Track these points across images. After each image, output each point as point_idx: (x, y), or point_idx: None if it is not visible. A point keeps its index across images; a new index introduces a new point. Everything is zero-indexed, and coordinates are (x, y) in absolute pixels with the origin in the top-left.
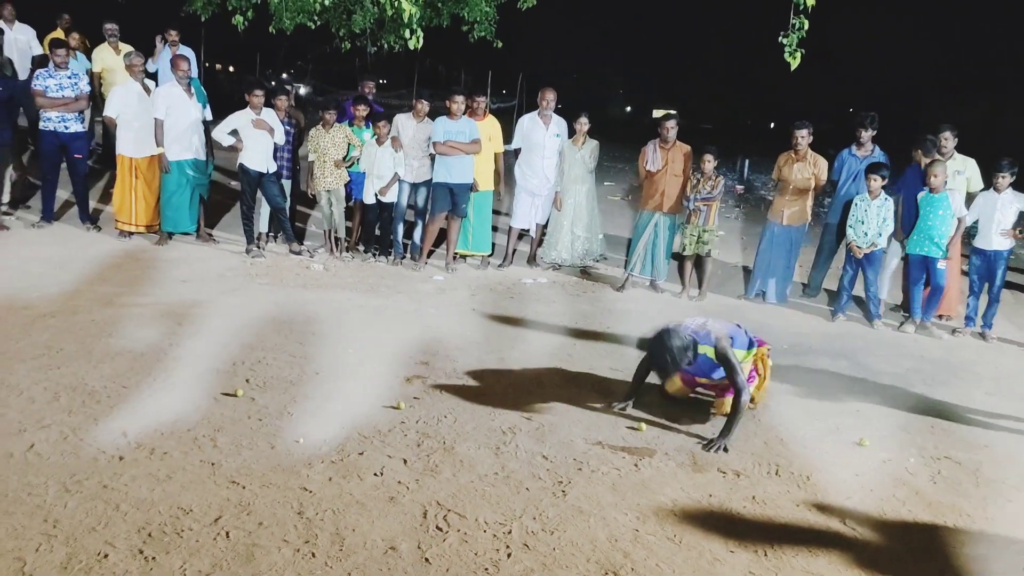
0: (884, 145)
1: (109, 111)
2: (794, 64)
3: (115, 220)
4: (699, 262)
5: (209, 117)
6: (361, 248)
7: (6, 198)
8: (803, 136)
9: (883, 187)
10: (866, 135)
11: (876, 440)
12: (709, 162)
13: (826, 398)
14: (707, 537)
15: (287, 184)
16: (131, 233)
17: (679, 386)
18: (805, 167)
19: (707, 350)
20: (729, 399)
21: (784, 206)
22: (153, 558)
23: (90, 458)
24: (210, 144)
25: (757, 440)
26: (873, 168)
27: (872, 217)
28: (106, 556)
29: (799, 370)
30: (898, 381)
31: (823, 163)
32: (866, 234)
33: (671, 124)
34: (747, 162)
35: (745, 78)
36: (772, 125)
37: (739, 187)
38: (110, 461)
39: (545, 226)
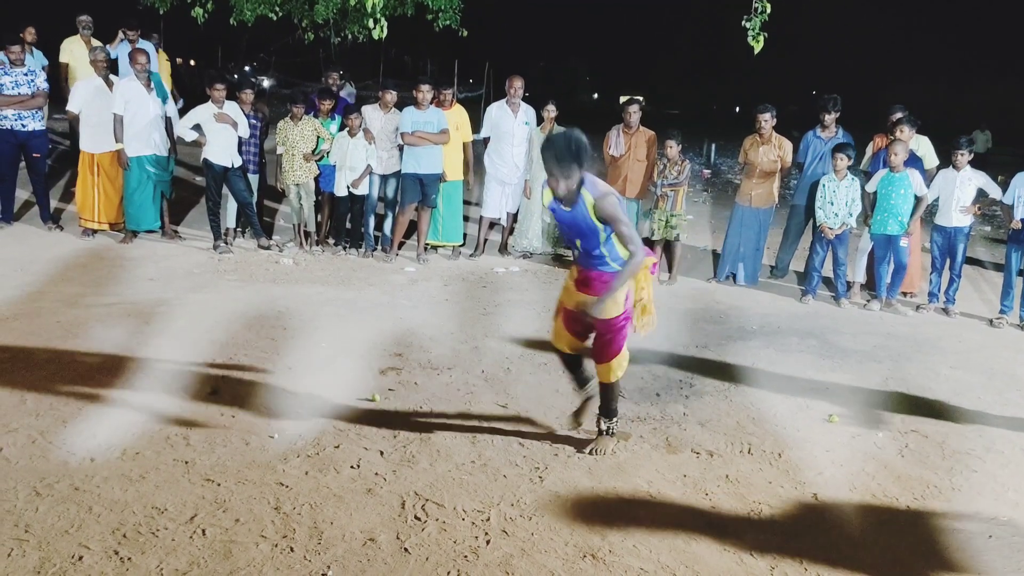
0: (848, 126)
1: (71, 106)
2: (757, 48)
3: (78, 218)
4: (668, 247)
5: (172, 113)
6: (331, 241)
7: None
8: (766, 119)
9: (849, 167)
10: (830, 117)
11: (845, 416)
12: (672, 147)
13: (796, 376)
14: (683, 517)
15: (254, 178)
16: (94, 231)
17: (577, 300)
18: (770, 150)
19: (588, 199)
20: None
21: (751, 189)
22: (129, 559)
23: (60, 461)
24: (172, 140)
25: (730, 420)
26: (839, 148)
27: (841, 197)
28: (80, 558)
29: (769, 350)
30: (865, 358)
31: (788, 145)
32: (836, 215)
33: (634, 109)
34: (714, 146)
35: (711, 63)
36: (738, 109)
37: (706, 171)
38: (81, 463)
39: (516, 214)
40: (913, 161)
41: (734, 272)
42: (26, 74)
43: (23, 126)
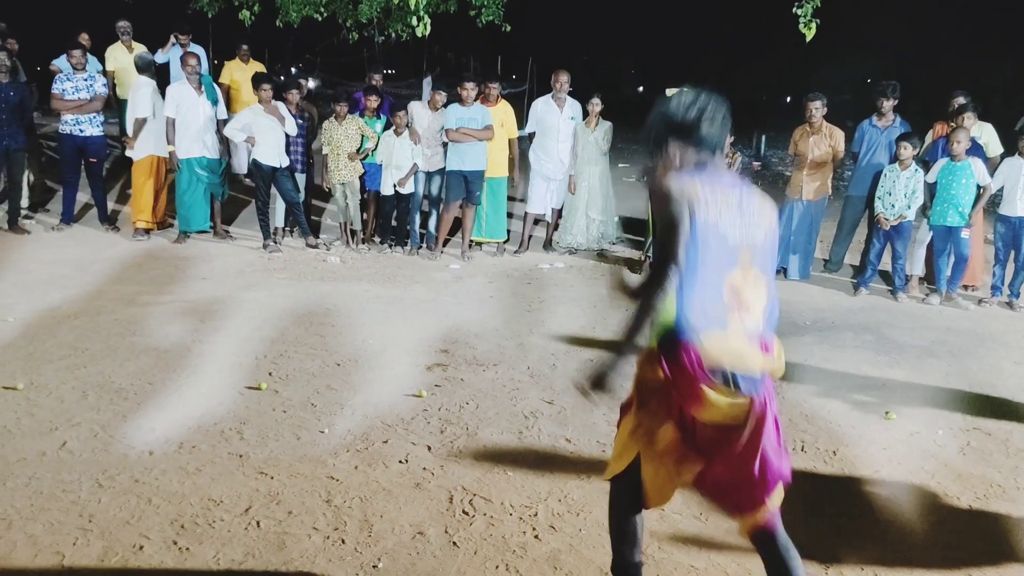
0: (905, 115)
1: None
2: (809, 35)
3: (133, 220)
4: None
5: (223, 115)
6: (377, 239)
7: (25, 202)
8: (816, 108)
9: (913, 157)
10: (887, 104)
11: (903, 413)
12: None
13: (851, 372)
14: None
15: (301, 178)
16: (147, 231)
17: None
18: (821, 140)
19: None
20: None
21: (803, 181)
22: (187, 548)
23: (120, 454)
24: (225, 142)
25: (782, 416)
26: (904, 137)
27: (900, 188)
28: (141, 548)
29: (823, 345)
30: (924, 354)
31: (840, 134)
32: (893, 205)
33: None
34: (763, 138)
35: (759, 52)
36: (788, 99)
37: (756, 163)
38: (140, 456)
39: (560, 210)
40: (975, 149)
41: (784, 266)
42: (86, 79)
43: (81, 131)
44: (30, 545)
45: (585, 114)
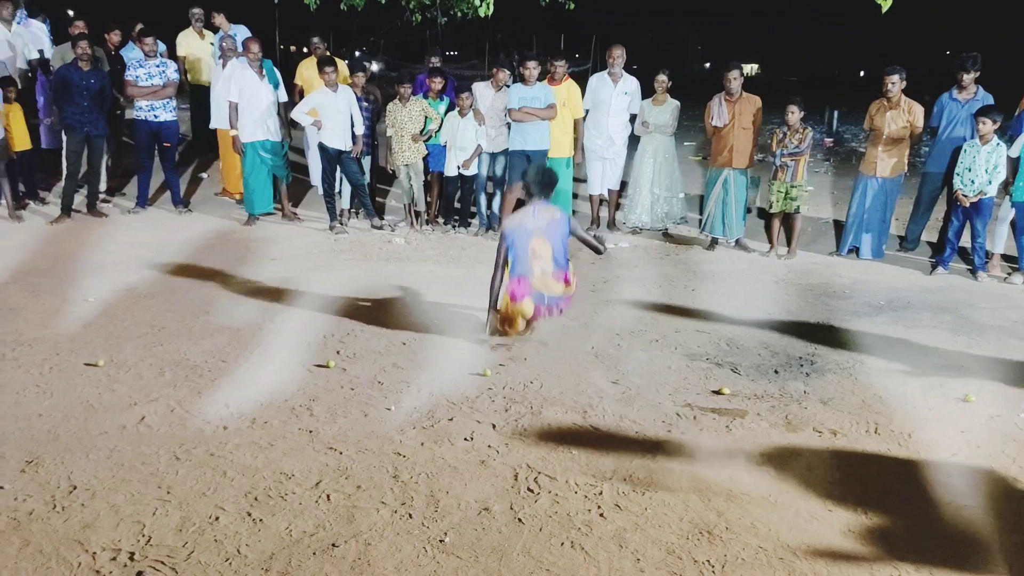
0: (987, 87)
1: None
2: (885, 6)
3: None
4: (787, 219)
5: (284, 98)
6: (440, 220)
7: (103, 186)
8: (894, 82)
9: (995, 131)
10: (968, 77)
11: (982, 395)
12: (793, 113)
13: (927, 353)
14: (803, 496)
15: (366, 161)
16: (239, 200)
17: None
18: (899, 115)
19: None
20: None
21: (877, 157)
22: (260, 520)
23: (196, 428)
24: (287, 126)
25: (854, 398)
26: (984, 111)
27: (981, 164)
28: (217, 519)
29: (898, 326)
30: (1005, 334)
31: (919, 109)
32: (973, 181)
33: (734, 75)
34: (836, 113)
35: (832, 25)
36: (862, 73)
37: (828, 140)
38: (215, 431)
39: (621, 190)
40: None
41: (858, 245)
42: (158, 65)
43: (155, 117)
44: (112, 514)
45: (652, 92)
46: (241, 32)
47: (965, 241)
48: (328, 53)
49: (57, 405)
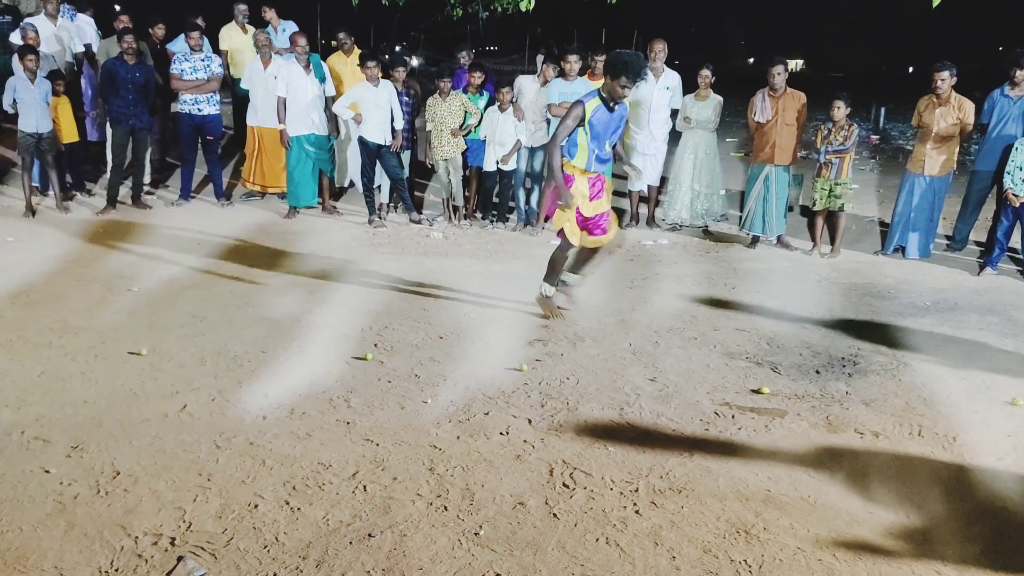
0: None
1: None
2: (936, 1)
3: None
4: (831, 217)
5: (331, 92)
6: (479, 215)
7: (147, 179)
8: (944, 79)
9: None
10: (1021, 74)
11: None
12: (839, 108)
13: (974, 356)
14: (844, 498)
15: (405, 155)
16: (263, 194)
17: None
18: (948, 112)
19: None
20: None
21: (926, 155)
22: (298, 508)
23: (236, 417)
24: (334, 120)
25: (898, 400)
26: None
27: None
28: (256, 506)
29: (944, 327)
30: None
31: (969, 107)
32: None
33: (778, 70)
34: (883, 110)
35: (879, 21)
36: (911, 70)
37: (874, 137)
38: (254, 420)
39: (661, 187)
40: None
41: (903, 244)
42: (203, 59)
43: (199, 110)
44: (154, 500)
45: (696, 87)
46: (290, 28)
47: (1015, 242)
48: (349, 44)
49: (102, 392)
